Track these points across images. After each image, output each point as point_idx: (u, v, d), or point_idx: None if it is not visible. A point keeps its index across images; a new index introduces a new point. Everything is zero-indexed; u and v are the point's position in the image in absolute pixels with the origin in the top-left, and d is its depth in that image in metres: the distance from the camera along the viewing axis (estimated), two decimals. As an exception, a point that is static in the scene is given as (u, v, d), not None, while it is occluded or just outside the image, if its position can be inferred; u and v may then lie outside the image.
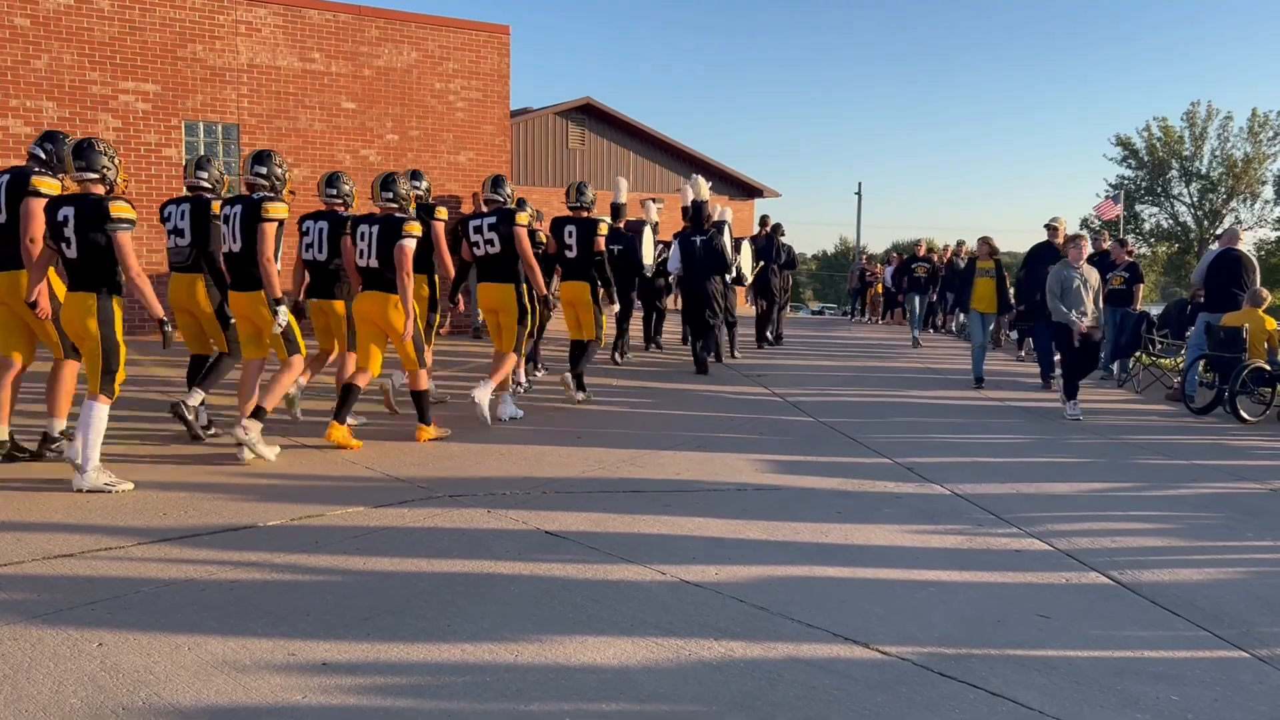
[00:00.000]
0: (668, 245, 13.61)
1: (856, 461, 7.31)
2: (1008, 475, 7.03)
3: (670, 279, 13.67)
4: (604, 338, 9.70)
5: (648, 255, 12.44)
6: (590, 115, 28.79)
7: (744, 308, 18.39)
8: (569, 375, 9.22)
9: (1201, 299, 11.31)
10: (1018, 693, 3.55)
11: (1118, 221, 30.05)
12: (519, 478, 6.37)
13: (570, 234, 9.03)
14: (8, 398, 6.26)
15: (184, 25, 13.47)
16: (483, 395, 7.89)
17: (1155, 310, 15.22)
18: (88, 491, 5.57)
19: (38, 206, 5.79)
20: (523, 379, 9.65)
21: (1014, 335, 16.65)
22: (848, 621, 4.13)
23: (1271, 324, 10.22)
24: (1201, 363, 10.81)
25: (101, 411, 5.67)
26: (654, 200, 13.62)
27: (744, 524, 5.52)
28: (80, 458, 5.58)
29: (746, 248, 13.93)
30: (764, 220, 15.66)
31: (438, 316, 8.68)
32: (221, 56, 13.76)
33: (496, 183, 8.27)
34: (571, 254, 9.06)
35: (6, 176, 6.12)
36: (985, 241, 12.24)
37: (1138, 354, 12.68)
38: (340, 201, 7.36)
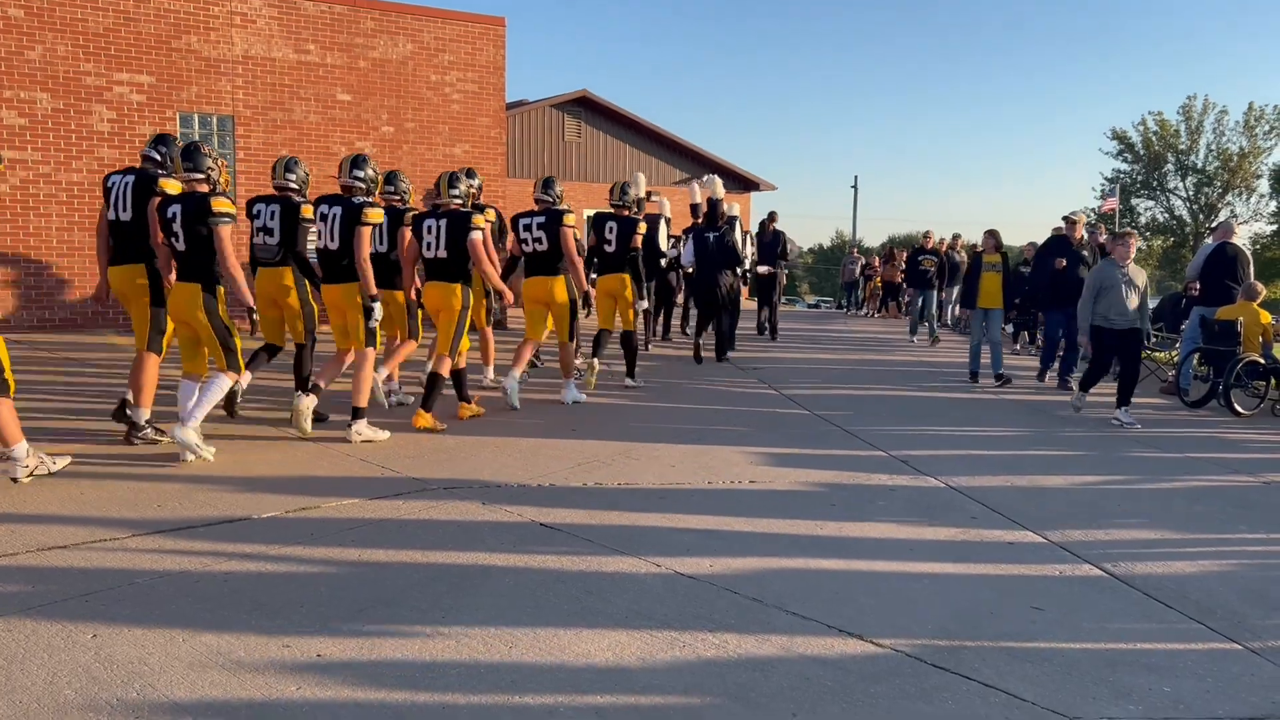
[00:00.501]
0: (678, 240, 13.80)
1: (851, 454, 7.32)
2: (1002, 468, 7.04)
3: (684, 272, 13.94)
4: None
5: (663, 245, 12.74)
6: (586, 108, 28.73)
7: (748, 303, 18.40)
8: (627, 379, 10.01)
9: (1196, 293, 11.33)
10: (1010, 684, 3.56)
11: (1114, 215, 30.09)
12: (514, 470, 6.37)
13: (611, 230, 9.52)
14: (145, 383, 6.63)
15: (179, 16, 13.43)
16: (570, 394, 8.87)
17: (1151, 304, 15.24)
18: (179, 444, 6.10)
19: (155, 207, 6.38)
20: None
21: (1009, 329, 16.63)
22: (842, 613, 4.14)
23: (1266, 317, 10.25)
24: (1196, 356, 10.84)
25: (224, 384, 6.29)
26: (656, 195, 13.79)
27: (739, 517, 5.53)
28: (186, 414, 6.19)
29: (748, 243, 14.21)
30: (772, 216, 16.01)
31: (492, 302, 9.29)
32: (216, 48, 13.72)
33: (547, 184, 8.72)
34: (610, 248, 9.54)
35: (131, 178, 6.64)
36: (992, 235, 11.84)
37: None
38: (399, 198, 7.93)
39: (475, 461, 6.57)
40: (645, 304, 10.14)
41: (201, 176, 6.23)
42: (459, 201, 7.62)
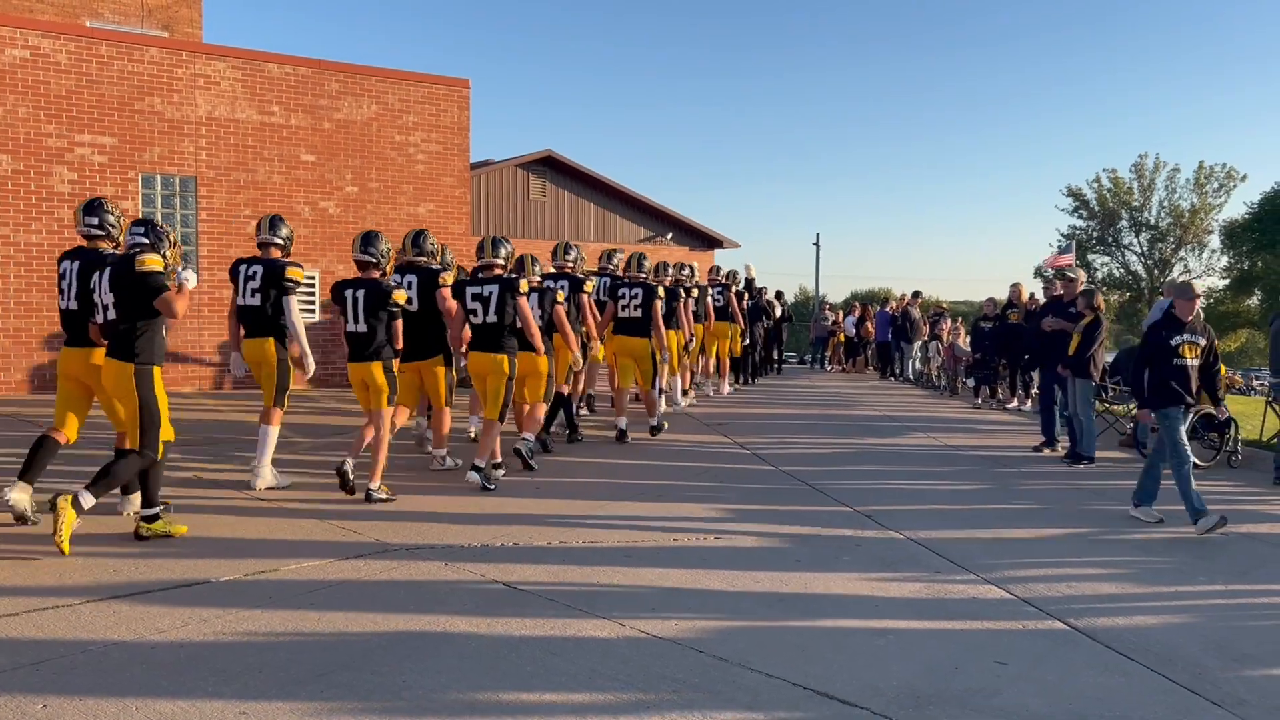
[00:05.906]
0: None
1: (816, 509, 7.33)
2: (965, 522, 7.08)
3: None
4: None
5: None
6: (551, 167, 28.96)
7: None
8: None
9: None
10: (976, 740, 3.55)
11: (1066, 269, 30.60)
12: (477, 530, 6.32)
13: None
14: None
15: (142, 79, 13.45)
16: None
17: (1108, 358, 15.46)
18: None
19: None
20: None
21: (970, 383, 16.75)
22: (808, 671, 4.13)
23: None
24: (1153, 409, 10.95)
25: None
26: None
27: (704, 574, 5.51)
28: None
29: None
30: (772, 291, 19.13)
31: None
32: (180, 109, 13.74)
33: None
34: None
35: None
36: (1087, 294, 10.19)
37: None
38: (502, 265, 8.03)
39: (439, 521, 6.51)
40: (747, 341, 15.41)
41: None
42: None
